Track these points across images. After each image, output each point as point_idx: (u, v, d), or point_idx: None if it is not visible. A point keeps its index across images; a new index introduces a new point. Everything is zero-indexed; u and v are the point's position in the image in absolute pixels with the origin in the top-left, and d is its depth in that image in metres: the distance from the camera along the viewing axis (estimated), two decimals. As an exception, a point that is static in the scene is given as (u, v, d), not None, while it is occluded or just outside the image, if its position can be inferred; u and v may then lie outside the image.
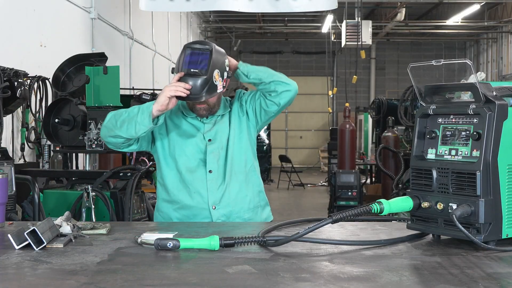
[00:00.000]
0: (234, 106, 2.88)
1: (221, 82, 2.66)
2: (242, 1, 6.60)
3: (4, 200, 2.34)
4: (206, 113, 2.78)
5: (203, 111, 2.76)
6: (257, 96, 2.84)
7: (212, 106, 2.77)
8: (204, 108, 2.76)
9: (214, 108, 2.79)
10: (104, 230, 2.24)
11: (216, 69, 2.63)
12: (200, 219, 2.73)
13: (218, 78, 2.64)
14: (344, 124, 9.18)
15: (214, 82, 2.62)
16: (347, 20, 13.70)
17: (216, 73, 2.63)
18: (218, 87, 2.65)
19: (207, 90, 2.60)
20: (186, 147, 2.78)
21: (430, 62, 2.04)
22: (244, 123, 2.85)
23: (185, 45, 2.68)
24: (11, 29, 6.14)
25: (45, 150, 5.23)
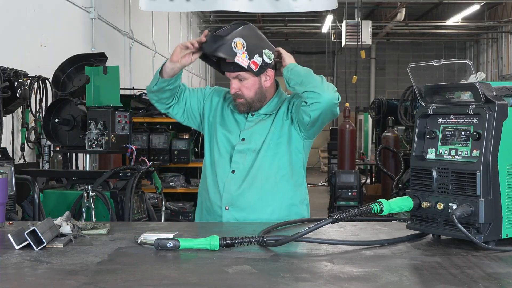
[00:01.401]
0: (282, 107, 2.74)
1: (244, 56, 2.55)
2: (242, 1, 6.60)
3: (4, 200, 2.34)
4: (244, 109, 2.69)
5: (241, 106, 2.68)
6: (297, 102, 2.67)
7: (250, 101, 2.67)
8: (242, 103, 2.67)
9: (254, 104, 2.68)
10: (104, 230, 2.24)
11: (241, 39, 2.54)
12: (212, 217, 2.67)
13: (241, 48, 2.54)
14: (344, 124, 9.18)
15: (232, 48, 2.52)
16: (347, 20, 13.70)
17: (240, 42, 2.54)
18: (238, 57, 2.54)
19: (221, 48, 2.51)
20: (220, 140, 2.72)
21: (430, 62, 2.04)
22: (286, 127, 2.70)
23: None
24: (11, 29, 6.14)
25: (45, 150, 5.23)
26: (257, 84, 2.65)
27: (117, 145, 4.62)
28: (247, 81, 2.63)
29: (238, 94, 2.65)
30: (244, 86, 2.63)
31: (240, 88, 2.64)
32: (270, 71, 2.70)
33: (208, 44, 2.55)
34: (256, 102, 2.67)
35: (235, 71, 2.60)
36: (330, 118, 2.67)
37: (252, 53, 2.57)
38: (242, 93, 2.64)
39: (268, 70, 2.68)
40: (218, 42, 2.52)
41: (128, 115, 4.76)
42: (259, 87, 2.67)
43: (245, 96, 2.65)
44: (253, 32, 2.62)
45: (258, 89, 2.67)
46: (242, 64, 2.56)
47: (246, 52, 2.56)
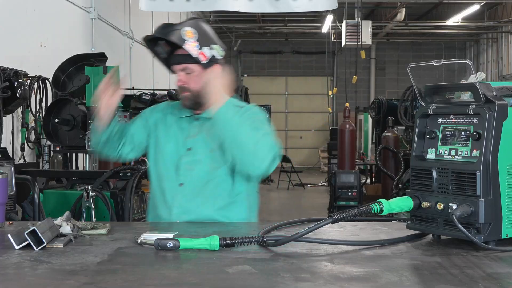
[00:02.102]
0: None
1: (194, 45, 2.50)
2: (242, 1, 6.60)
3: (4, 200, 2.34)
4: (189, 103, 2.59)
5: (186, 100, 2.59)
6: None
7: (196, 95, 2.57)
8: (187, 97, 2.58)
9: (199, 99, 2.56)
10: (104, 230, 2.24)
11: (192, 29, 2.51)
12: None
13: (191, 36, 2.49)
14: (344, 124, 9.18)
15: (182, 35, 2.48)
16: (347, 20, 13.70)
17: (190, 31, 2.50)
18: (187, 44, 2.48)
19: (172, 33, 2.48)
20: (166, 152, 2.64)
21: (430, 62, 2.04)
22: None
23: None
24: (11, 29, 6.14)
25: (45, 150, 5.23)
26: (203, 77, 2.56)
27: (117, 145, 4.61)
28: (194, 74, 2.56)
29: (184, 87, 2.57)
30: (191, 79, 2.56)
31: (187, 81, 2.57)
32: (218, 66, 2.62)
33: (158, 30, 2.54)
34: (201, 96, 2.54)
35: (183, 62, 2.54)
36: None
37: (201, 44, 2.53)
38: (188, 86, 2.56)
39: (216, 65, 2.60)
40: (168, 28, 2.51)
41: (128, 115, 4.76)
42: (206, 81, 2.56)
43: (191, 89, 2.57)
44: (205, 27, 2.59)
45: (204, 83, 2.56)
46: (191, 52, 2.50)
47: (197, 43, 2.52)
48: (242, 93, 8.20)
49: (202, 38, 2.54)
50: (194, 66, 2.56)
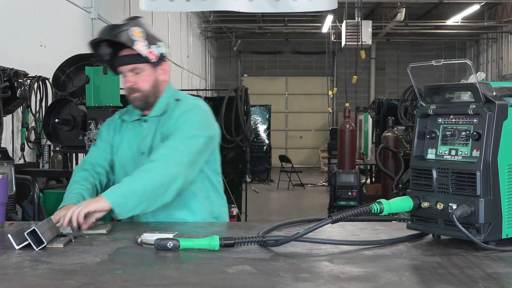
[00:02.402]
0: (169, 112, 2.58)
1: (143, 44, 2.47)
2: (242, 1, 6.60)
3: (4, 200, 2.34)
4: (140, 103, 2.56)
5: (137, 101, 2.56)
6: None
7: (146, 94, 2.55)
8: (138, 97, 2.55)
9: (149, 98, 2.56)
10: (105, 230, 2.24)
11: (139, 28, 2.48)
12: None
13: (139, 36, 2.47)
14: (344, 124, 9.18)
15: (131, 35, 2.45)
16: (347, 20, 13.70)
17: (138, 30, 2.47)
18: (137, 44, 2.46)
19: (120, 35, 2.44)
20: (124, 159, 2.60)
21: (430, 62, 2.04)
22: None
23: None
24: (11, 29, 6.14)
25: (45, 150, 5.23)
26: (153, 77, 2.56)
27: (117, 145, 4.61)
28: (144, 73, 2.53)
29: (134, 88, 2.53)
30: (141, 79, 2.53)
31: (136, 81, 2.54)
32: (166, 64, 2.61)
33: (105, 32, 2.49)
34: (151, 96, 2.56)
35: (132, 62, 2.51)
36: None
37: (149, 43, 2.51)
38: (138, 87, 2.53)
39: (164, 63, 2.59)
40: (115, 29, 2.47)
41: (128, 115, 4.75)
42: (155, 80, 2.57)
43: (141, 89, 2.54)
44: (147, 26, 2.58)
45: (154, 82, 2.56)
46: (141, 52, 2.48)
47: (146, 42, 2.49)
48: (242, 93, 8.20)
49: (149, 37, 2.52)
50: (143, 66, 2.53)
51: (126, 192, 2.30)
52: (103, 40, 2.51)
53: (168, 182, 2.37)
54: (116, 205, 2.25)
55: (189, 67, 16.73)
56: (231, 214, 7.89)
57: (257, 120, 17.91)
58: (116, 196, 2.27)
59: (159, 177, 2.35)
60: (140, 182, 2.33)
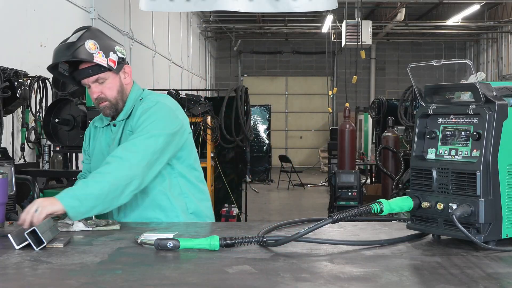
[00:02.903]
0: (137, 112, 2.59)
1: (101, 55, 2.48)
2: (242, 1, 6.60)
3: (4, 200, 2.34)
4: (110, 111, 2.59)
5: (106, 109, 2.59)
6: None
7: (114, 102, 2.58)
8: (107, 106, 2.57)
9: (118, 105, 2.59)
10: (118, 226, 2.32)
11: (92, 40, 2.48)
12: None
13: (95, 48, 2.47)
14: (344, 124, 9.18)
15: (87, 50, 2.45)
16: (347, 20, 13.70)
17: (92, 42, 2.47)
18: (95, 57, 2.47)
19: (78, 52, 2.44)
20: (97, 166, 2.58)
21: (430, 62, 2.04)
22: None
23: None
24: (11, 29, 6.14)
25: (45, 150, 5.23)
26: (118, 83, 2.58)
27: (117, 145, 4.61)
28: (108, 81, 2.55)
29: (102, 97, 2.56)
30: (106, 88, 2.55)
31: (102, 90, 2.55)
32: (127, 67, 2.63)
33: (61, 53, 2.49)
34: (119, 101, 2.59)
35: (94, 74, 2.52)
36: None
37: (106, 52, 2.52)
38: (105, 96, 2.55)
39: (125, 66, 2.61)
40: (71, 48, 2.47)
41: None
42: (120, 85, 2.59)
43: (109, 98, 2.56)
44: (99, 33, 2.58)
45: (120, 87, 2.59)
46: (102, 63, 2.50)
47: (102, 52, 2.50)
48: (242, 93, 8.20)
49: (104, 46, 2.52)
50: (106, 74, 2.55)
51: (80, 195, 2.29)
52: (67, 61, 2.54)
53: (123, 185, 2.36)
54: (70, 208, 2.23)
55: (189, 67, 16.73)
56: (231, 214, 7.89)
57: (257, 120, 17.92)
58: (70, 200, 2.26)
59: (114, 180, 2.34)
60: (95, 185, 2.32)
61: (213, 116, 7.68)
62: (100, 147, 2.69)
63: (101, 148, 2.69)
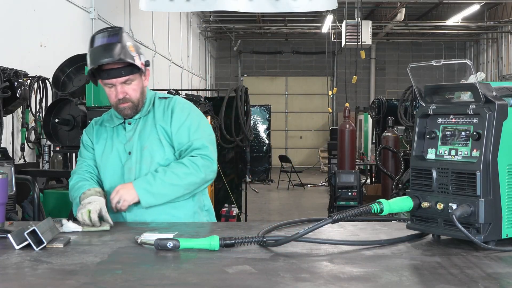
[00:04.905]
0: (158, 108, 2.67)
1: (138, 58, 2.53)
2: (242, 1, 6.61)
3: (4, 200, 2.34)
4: (131, 112, 2.62)
5: (127, 110, 2.61)
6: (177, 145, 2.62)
7: (136, 103, 2.61)
8: (129, 107, 2.61)
9: (139, 106, 2.63)
10: (108, 226, 2.31)
11: (131, 42, 2.53)
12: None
13: (134, 50, 2.52)
14: (344, 124, 9.18)
15: (129, 52, 2.50)
16: (347, 20, 13.70)
17: (131, 45, 2.52)
18: (136, 60, 2.52)
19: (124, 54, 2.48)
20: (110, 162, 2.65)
21: (430, 62, 2.04)
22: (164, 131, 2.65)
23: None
24: (11, 29, 6.14)
25: (45, 150, 5.23)
26: (141, 84, 2.62)
27: (117, 145, 4.61)
28: (134, 83, 2.58)
29: (126, 98, 2.58)
30: (131, 89, 2.58)
31: (127, 91, 2.58)
32: (148, 70, 2.68)
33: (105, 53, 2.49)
34: (140, 102, 2.63)
35: (126, 75, 2.55)
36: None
37: (139, 54, 2.57)
38: (129, 97, 2.58)
39: (147, 69, 2.65)
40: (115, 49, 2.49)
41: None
42: (142, 87, 2.63)
43: (133, 99, 2.59)
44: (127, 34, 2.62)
45: (142, 89, 2.62)
46: (140, 65, 2.55)
47: (137, 54, 2.55)
48: (242, 93, 8.20)
49: (137, 47, 2.57)
50: (134, 76, 2.58)
51: (157, 193, 2.51)
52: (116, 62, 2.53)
53: (192, 190, 2.59)
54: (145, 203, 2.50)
55: (189, 67, 16.73)
56: (231, 214, 7.89)
57: (257, 120, 17.91)
58: (148, 196, 2.49)
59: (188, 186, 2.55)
60: (171, 188, 2.52)
61: (213, 116, 7.68)
62: (112, 145, 2.68)
63: (114, 145, 2.67)
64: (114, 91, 2.58)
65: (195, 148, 2.58)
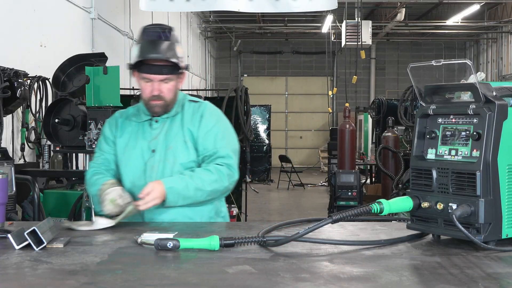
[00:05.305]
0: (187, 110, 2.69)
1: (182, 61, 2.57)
2: (242, 1, 6.61)
3: (4, 200, 2.34)
4: (161, 110, 2.63)
5: (158, 107, 2.62)
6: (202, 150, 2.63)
7: (168, 103, 2.62)
8: (160, 105, 2.62)
9: (170, 106, 2.64)
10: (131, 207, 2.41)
11: (178, 43, 2.57)
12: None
13: (181, 52, 2.58)
14: (344, 124, 9.18)
15: (177, 53, 2.54)
16: (347, 20, 13.70)
17: (179, 46, 2.57)
18: (180, 62, 2.55)
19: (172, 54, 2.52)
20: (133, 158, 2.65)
21: (430, 62, 2.04)
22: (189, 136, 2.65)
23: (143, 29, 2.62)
24: (11, 29, 6.14)
25: (45, 150, 5.23)
26: (176, 85, 2.65)
27: (117, 145, 4.61)
28: (171, 83, 2.60)
29: (160, 96, 2.59)
30: (167, 88, 2.60)
31: (163, 90, 2.59)
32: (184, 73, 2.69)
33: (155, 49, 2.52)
34: (171, 103, 2.65)
35: (167, 73, 2.57)
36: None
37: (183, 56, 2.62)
38: (164, 95, 2.59)
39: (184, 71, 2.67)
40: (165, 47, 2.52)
41: (128, 115, 4.75)
42: (177, 88, 2.66)
43: (166, 98, 2.61)
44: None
45: (175, 90, 2.65)
46: (182, 67, 2.59)
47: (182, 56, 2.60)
48: (242, 93, 8.20)
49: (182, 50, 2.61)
50: (174, 76, 2.61)
51: (184, 196, 2.51)
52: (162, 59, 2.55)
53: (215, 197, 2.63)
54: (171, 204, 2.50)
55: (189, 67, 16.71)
56: (231, 214, 7.90)
57: (257, 120, 17.91)
58: (175, 197, 2.49)
59: (212, 193, 2.57)
60: (196, 192, 2.53)
61: (213, 116, 7.66)
62: (136, 140, 2.68)
63: (137, 141, 2.67)
64: (150, 87, 2.59)
65: (220, 156, 2.60)
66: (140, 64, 2.56)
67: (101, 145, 2.77)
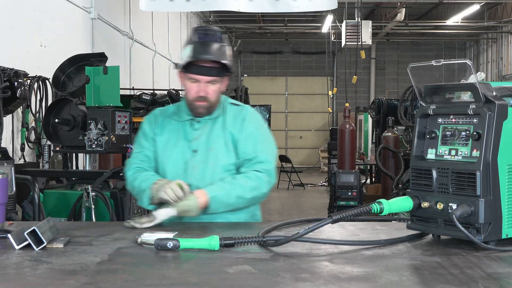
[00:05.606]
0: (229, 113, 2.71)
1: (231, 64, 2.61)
2: (242, 1, 6.61)
3: (4, 200, 2.34)
4: (204, 111, 2.65)
5: (202, 109, 2.64)
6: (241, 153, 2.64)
7: (213, 104, 2.64)
8: (204, 106, 2.63)
9: (213, 108, 2.65)
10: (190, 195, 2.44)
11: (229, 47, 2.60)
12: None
13: (230, 55, 2.60)
14: (344, 124, 9.18)
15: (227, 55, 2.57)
16: (347, 20, 13.70)
17: (229, 49, 2.60)
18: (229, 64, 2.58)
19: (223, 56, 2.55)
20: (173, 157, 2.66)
21: (430, 62, 2.04)
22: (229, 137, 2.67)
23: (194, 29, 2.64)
24: (11, 29, 6.14)
25: (45, 150, 5.23)
26: (221, 88, 2.67)
27: (117, 145, 4.62)
28: (217, 85, 2.62)
29: (205, 97, 2.61)
30: (213, 90, 2.61)
31: (208, 91, 2.61)
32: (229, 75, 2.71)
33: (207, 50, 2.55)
34: (215, 105, 2.66)
35: (215, 75, 2.59)
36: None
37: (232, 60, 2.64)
38: (208, 97, 2.61)
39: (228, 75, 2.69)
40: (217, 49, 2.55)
41: (128, 115, 4.76)
42: (220, 91, 2.68)
43: (211, 99, 2.62)
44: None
45: (219, 93, 2.67)
46: (231, 69, 2.61)
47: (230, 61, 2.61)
48: (242, 93, 8.20)
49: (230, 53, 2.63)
50: (220, 79, 2.64)
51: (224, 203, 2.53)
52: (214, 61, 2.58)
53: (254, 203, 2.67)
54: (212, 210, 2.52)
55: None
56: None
57: (257, 120, 17.88)
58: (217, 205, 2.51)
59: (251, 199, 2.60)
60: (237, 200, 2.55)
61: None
62: (177, 139, 2.68)
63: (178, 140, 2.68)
64: (196, 87, 2.60)
65: (259, 161, 2.61)
66: (188, 65, 2.58)
67: (140, 141, 2.77)
